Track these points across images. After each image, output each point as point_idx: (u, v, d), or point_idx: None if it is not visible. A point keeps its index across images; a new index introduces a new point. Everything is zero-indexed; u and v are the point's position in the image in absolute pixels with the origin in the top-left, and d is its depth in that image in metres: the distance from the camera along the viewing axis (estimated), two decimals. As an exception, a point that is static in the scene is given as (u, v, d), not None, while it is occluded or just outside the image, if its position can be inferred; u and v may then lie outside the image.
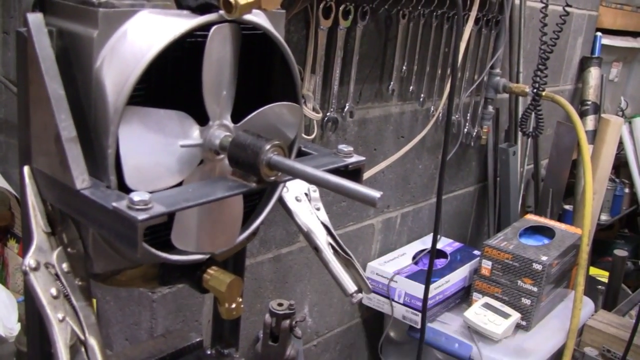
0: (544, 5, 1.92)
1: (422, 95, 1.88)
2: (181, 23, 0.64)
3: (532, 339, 1.90)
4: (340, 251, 0.85)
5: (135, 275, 0.75)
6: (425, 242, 2.17)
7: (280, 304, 1.08)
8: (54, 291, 0.66)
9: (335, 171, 0.73)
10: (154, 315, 1.38)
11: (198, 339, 1.06)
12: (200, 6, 0.67)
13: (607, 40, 2.95)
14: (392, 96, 1.83)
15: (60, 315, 0.66)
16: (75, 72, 0.65)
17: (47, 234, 0.67)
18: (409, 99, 1.89)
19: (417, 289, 1.84)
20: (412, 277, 1.90)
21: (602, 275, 2.90)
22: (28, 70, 0.65)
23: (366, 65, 1.69)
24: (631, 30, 3.23)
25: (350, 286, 0.85)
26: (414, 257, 2.05)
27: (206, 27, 0.66)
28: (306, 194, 0.87)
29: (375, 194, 0.58)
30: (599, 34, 2.91)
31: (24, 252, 0.67)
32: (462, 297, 2.04)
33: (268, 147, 0.64)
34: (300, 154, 0.80)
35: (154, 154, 0.64)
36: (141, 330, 1.40)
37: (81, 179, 0.61)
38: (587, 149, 1.94)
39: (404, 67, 1.78)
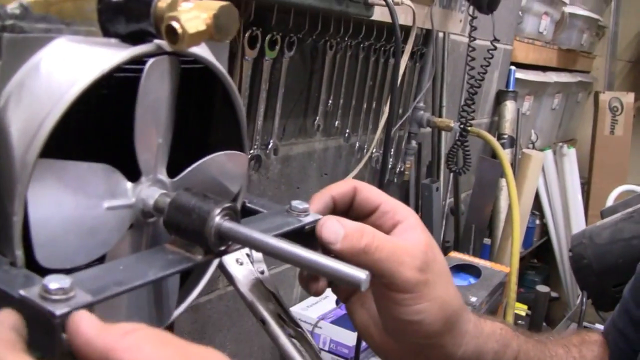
0: (472, 39, 1.87)
1: (347, 131, 1.79)
2: (110, 55, 0.51)
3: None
4: (288, 322, 0.73)
5: None
6: (348, 283, 2.07)
7: None
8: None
9: (290, 234, 0.61)
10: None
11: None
12: (131, 34, 0.54)
13: (520, 74, 2.96)
14: (317, 132, 1.72)
15: None
16: (-31, 115, 0.51)
17: None
18: (333, 134, 1.79)
19: (344, 335, 1.73)
20: (338, 322, 1.78)
21: (519, 307, 2.87)
22: None
23: (291, 99, 1.58)
24: (541, 64, 3.26)
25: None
26: (337, 301, 1.94)
27: (139, 59, 0.53)
28: (248, 255, 0.74)
29: (361, 274, 0.46)
30: (512, 67, 2.91)
31: None
32: (388, 341, 1.95)
33: (218, 210, 0.51)
34: (246, 212, 0.68)
35: (74, 221, 0.50)
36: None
37: (-26, 254, 0.47)
38: (514, 186, 1.89)
39: (330, 101, 1.68)
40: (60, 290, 0.42)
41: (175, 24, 0.49)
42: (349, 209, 0.66)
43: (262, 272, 0.74)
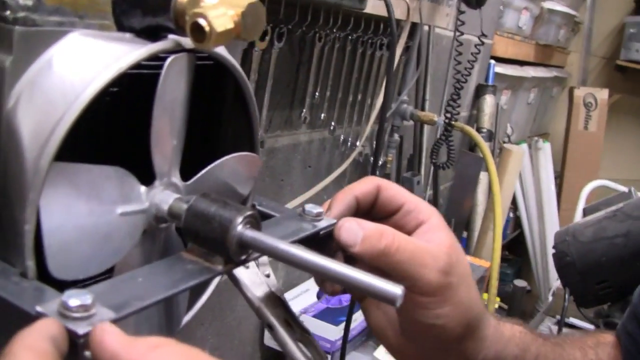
0: (459, 33, 1.86)
1: (332, 123, 1.76)
2: (126, 52, 0.48)
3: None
4: (295, 327, 0.71)
5: None
6: (328, 276, 2.05)
7: None
8: None
9: (304, 240, 0.58)
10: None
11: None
12: (146, 28, 0.51)
13: (498, 69, 2.95)
14: (302, 124, 1.70)
15: None
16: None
17: None
18: (318, 126, 1.76)
19: (326, 330, 1.71)
20: (319, 316, 1.76)
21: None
22: None
23: (278, 90, 1.55)
24: (519, 59, 3.27)
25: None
26: (319, 294, 1.92)
27: (155, 56, 0.50)
28: (253, 258, 0.72)
29: (396, 289, 0.44)
30: (492, 61, 2.91)
31: None
32: (369, 334, 1.93)
33: (240, 219, 0.48)
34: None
35: (87, 228, 0.47)
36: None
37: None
38: (497, 183, 1.88)
39: (317, 94, 1.65)
40: (82, 308, 0.39)
41: (202, 22, 0.46)
42: (371, 208, 0.64)
43: (267, 276, 0.72)
